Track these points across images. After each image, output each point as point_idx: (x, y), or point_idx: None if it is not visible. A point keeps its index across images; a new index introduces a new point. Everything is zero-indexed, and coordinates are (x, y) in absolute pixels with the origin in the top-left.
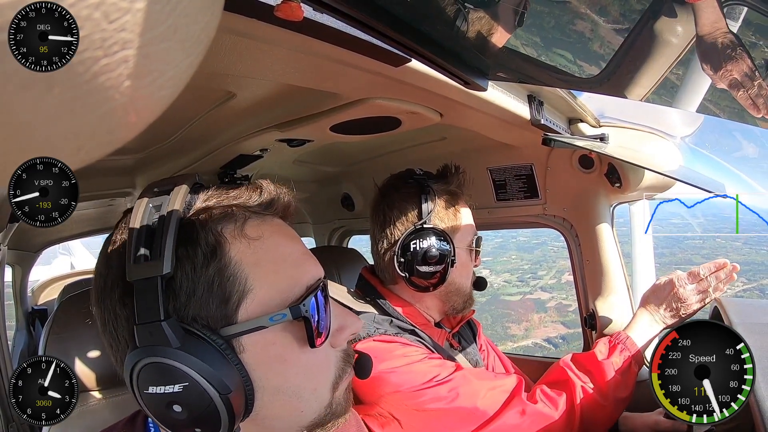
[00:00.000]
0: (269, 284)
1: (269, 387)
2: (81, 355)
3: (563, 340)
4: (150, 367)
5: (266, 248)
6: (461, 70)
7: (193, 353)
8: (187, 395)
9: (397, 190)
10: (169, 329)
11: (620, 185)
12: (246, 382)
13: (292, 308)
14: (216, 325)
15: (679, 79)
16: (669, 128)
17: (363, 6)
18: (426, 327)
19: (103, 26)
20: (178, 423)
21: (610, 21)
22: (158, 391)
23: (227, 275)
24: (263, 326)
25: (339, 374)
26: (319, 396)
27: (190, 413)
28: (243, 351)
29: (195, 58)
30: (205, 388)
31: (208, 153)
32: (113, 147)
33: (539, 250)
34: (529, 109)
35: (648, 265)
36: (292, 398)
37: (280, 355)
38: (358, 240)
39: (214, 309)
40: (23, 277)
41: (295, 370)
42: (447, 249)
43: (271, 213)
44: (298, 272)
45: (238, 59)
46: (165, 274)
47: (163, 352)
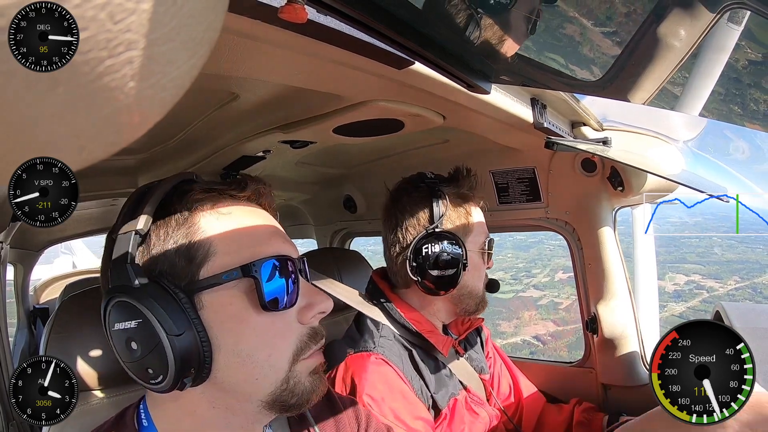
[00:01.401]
0: (231, 251)
1: (225, 347)
2: (82, 355)
3: (551, 338)
4: (116, 304)
5: (234, 222)
6: (464, 73)
7: (151, 295)
8: (141, 332)
9: (408, 194)
10: (131, 270)
11: (622, 189)
12: (202, 338)
13: (243, 267)
14: (180, 281)
15: (681, 82)
16: (672, 132)
17: (367, 8)
18: (432, 334)
19: (108, 27)
20: (135, 361)
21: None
22: (120, 327)
23: (194, 240)
24: (218, 283)
25: (300, 347)
26: (274, 364)
27: (143, 350)
28: (202, 308)
29: (199, 60)
30: (155, 326)
31: (210, 154)
32: (117, 147)
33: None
34: (532, 112)
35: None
36: (246, 362)
37: (236, 314)
38: (362, 242)
39: (180, 267)
40: (25, 275)
41: (250, 331)
42: (459, 253)
43: (246, 197)
44: (262, 246)
45: (242, 61)
46: (138, 229)
47: (126, 290)
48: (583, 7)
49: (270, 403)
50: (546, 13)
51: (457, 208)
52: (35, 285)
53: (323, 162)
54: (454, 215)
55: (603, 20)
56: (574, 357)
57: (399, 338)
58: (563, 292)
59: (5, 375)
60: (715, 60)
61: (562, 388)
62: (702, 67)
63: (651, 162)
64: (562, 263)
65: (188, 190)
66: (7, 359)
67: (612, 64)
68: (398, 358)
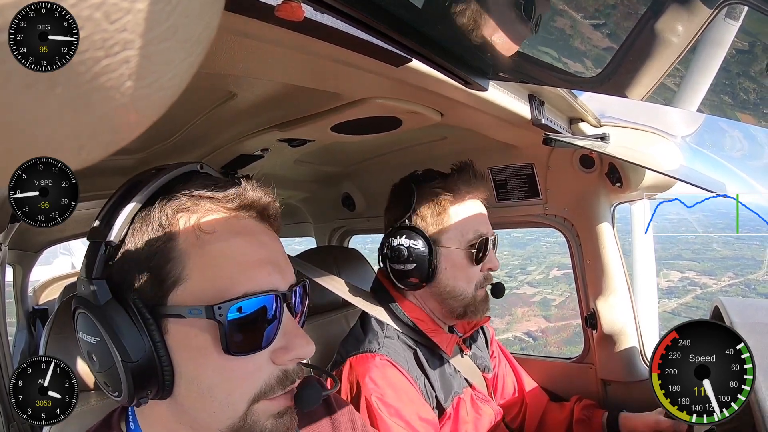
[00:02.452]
0: (205, 278)
1: (185, 374)
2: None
3: (542, 333)
4: (79, 316)
5: (216, 244)
6: (462, 69)
7: (113, 317)
8: (99, 349)
9: (392, 192)
10: (95, 287)
11: (621, 185)
12: (163, 363)
13: (207, 308)
14: (149, 302)
15: (679, 78)
16: (670, 128)
17: (364, 6)
18: (436, 333)
19: (104, 27)
20: (95, 372)
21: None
22: (83, 337)
23: (167, 258)
24: (182, 315)
25: (264, 390)
26: (232, 404)
27: (100, 367)
28: (167, 332)
29: (196, 58)
30: (110, 349)
31: (208, 153)
32: (115, 147)
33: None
34: (530, 108)
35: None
36: (205, 393)
37: (200, 349)
38: (359, 240)
39: (149, 287)
40: (24, 276)
41: (212, 368)
42: (420, 247)
43: (244, 212)
44: (242, 277)
45: (239, 59)
46: (108, 240)
47: (88, 305)
48: (580, 2)
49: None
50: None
51: (429, 203)
52: (34, 286)
53: (321, 160)
54: (426, 210)
55: (600, 16)
56: (563, 353)
57: (403, 338)
58: (556, 289)
59: (5, 376)
60: (712, 55)
61: (562, 384)
62: (699, 62)
63: (649, 158)
64: (558, 260)
65: (176, 194)
66: (7, 360)
67: (609, 60)
68: (403, 358)
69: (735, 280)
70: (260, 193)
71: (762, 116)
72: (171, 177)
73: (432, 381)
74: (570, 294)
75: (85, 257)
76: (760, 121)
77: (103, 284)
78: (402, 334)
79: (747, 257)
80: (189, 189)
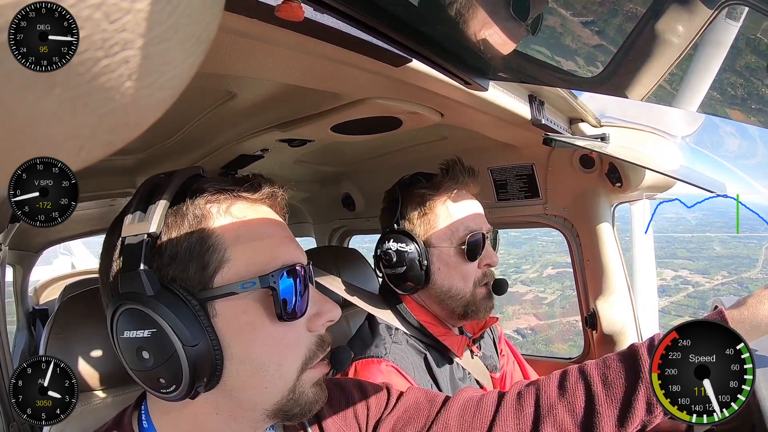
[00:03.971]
0: (246, 257)
1: (237, 354)
2: (82, 355)
3: (531, 331)
4: (126, 311)
5: (248, 227)
6: (462, 70)
7: (166, 304)
8: (155, 341)
9: (383, 200)
10: (145, 277)
11: (621, 185)
12: (215, 346)
13: (262, 278)
14: (193, 288)
15: (679, 78)
16: (670, 128)
17: (364, 6)
18: (446, 336)
19: (103, 27)
20: (146, 370)
21: (610, 21)
22: (131, 335)
23: (208, 245)
24: (234, 292)
25: (309, 356)
26: (284, 373)
27: (156, 360)
28: (216, 315)
29: (196, 59)
30: (170, 337)
31: (209, 153)
32: (114, 147)
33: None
34: (530, 109)
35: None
36: (257, 370)
37: (249, 324)
38: (357, 239)
39: (193, 273)
40: (24, 276)
41: (263, 340)
42: (408, 250)
43: (259, 198)
44: (277, 252)
45: (239, 59)
46: (151, 232)
47: (138, 298)
48: (581, 3)
49: (274, 412)
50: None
51: (415, 205)
52: (35, 286)
53: (321, 160)
54: (413, 213)
55: (601, 16)
56: (551, 350)
57: (413, 342)
58: (549, 287)
59: (5, 376)
60: (713, 56)
61: None
62: (700, 63)
63: (649, 158)
64: (552, 259)
65: (202, 189)
66: (7, 360)
67: (610, 60)
68: (410, 364)
69: (728, 278)
70: (270, 185)
71: (750, 112)
72: (187, 176)
73: (441, 386)
74: (562, 292)
75: (124, 252)
76: (749, 117)
77: (152, 274)
78: (411, 338)
79: (742, 256)
80: (209, 183)
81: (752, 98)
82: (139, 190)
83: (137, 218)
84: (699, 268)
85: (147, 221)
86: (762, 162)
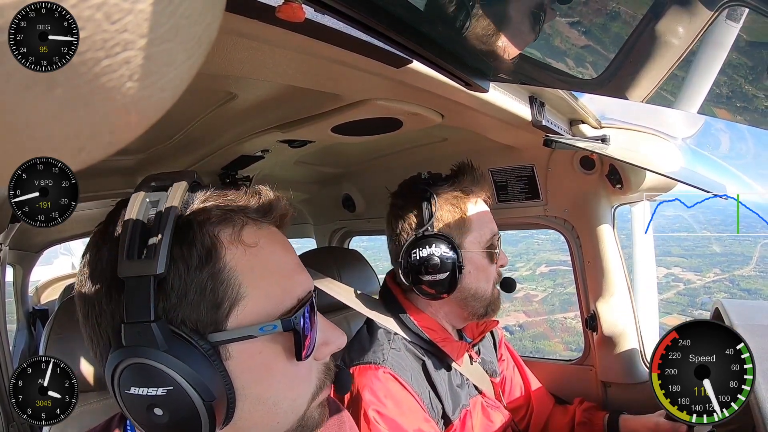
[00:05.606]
0: (262, 293)
1: (251, 395)
2: (82, 355)
3: (520, 328)
4: (135, 367)
5: (261, 256)
6: (462, 71)
7: (180, 357)
8: (171, 399)
9: (402, 197)
10: (158, 331)
11: (621, 186)
12: (229, 390)
13: (284, 320)
14: (204, 329)
15: (680, 80)
16: (670, 129)
17: (364, 7)
18: (446, 342)
19: (104, 27)
20: (158, 426)
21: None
22: (140, 392)
23: (220, 280)
24: (253, 335)
25: (319, 386)
26: (297, 407)
27: (171, 417)
28: (229, 358)
29: (196, 60)
30: (189, 394)
31: (209, 153)
32: (115, 148)
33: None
34: (531, 110)
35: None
36: (271, 408)
37: (265, 365)
38: (355, 238)
39: (205, 313)
40: (24, 277)
41: (278, 380)
42: (450, 255)
43: (268, 221)
44: (291, 283)
45: (240, 60)
46: (158, 274)
47: (149, 353)
48: (581, 4)
49: None
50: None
51: (450, 207)
52: (35, 286)
53: (322, 161)
54: (448, 216)
55: (601, 18)
56: (537, 346)
57: (411, 348)
58: (540, 285)
59: (5, 376)
60: (713, 57)
61: (562, 386)
62: (700, 64)
63: (650, 159)
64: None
65: (206, 211)
66: (7, 360)
67: (610, 61)
68: (408, 371)
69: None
70: (281, 202)
71: (735, 110)
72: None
73: (440, 392)
74: (552, 290)
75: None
76: (735, 116)
77: (165, 325)
78: (410, 344)
79: (737, 253)
80: (212, 201)
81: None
82: (127, 208)
83: (136, 252)
84: (692, 265)
85: (151, 259)
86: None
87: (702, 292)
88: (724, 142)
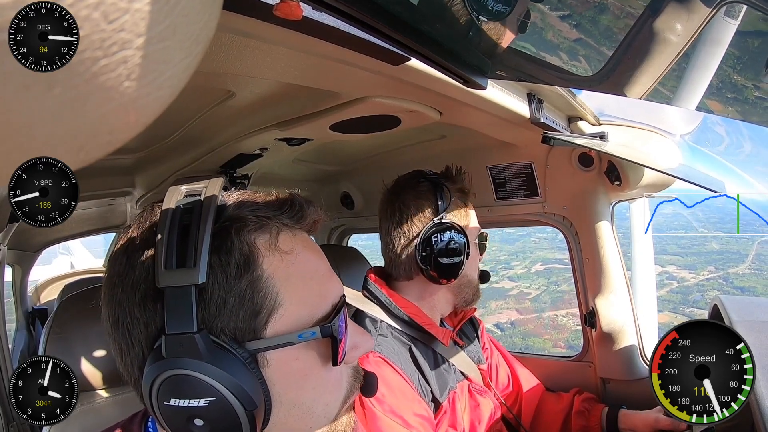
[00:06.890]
0: (299, 300)
1: (286, 401)
2: (81, 355)
3: (511, 325)
4: (176, 378)
5: (297, 263)
6: (460, 68)
7: (222, 367)
8: (213, 410)
9: (411, 188)
10: (201, 342)
11: (620, 183)
12: (266, 397)
13: (323, 327)
14: (243, 338)
15: (678, 77)
16: (669, 126)
17: (362, 5)
18: (432, 326)
19: (102, 26)
20: None
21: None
22: (181, 404)
23: (259, 288)
24: (291, 343)
25: (350, 390)
26: (329, 412)
27: (212, 428)
28: (266, 365)
29: (194, 58)
30: (232, 404)
31: (207, 152)
32: (113, 147)
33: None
34: (529, 107)
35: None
36: (305, 413)
37: (301, 371)
38: (353, 236)
39: (243, 322)
40: (23, 276)
41: (313, 385)
42: (464, 242)
43: (301, 227)
44: (326, 289)
45: (238, 58)
46: (200, 283)
47: (192, 364)
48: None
49: None
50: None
51: (458, 202)
52: (34, 285)
53: (320, 159)
54: (456, 208)
55: (599, 15)
56: (526, 343)
57: (397, 335)
58: (534, 283)
59: (5, 376)
60: (711, 54)
61: (561, 383)
62: (698, 61)
63: (648, 156)
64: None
65: (242, 217)
66: (7, 360)
67: (608, 58)
68: (397, 355)
69: (714, 273)
70: (312, 207)
71: (726, 102)
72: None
73: (427, 376)
74: (546, 288)
75: (168, 308)
76: (726, 108)
77: (206, 335)
78: (396, 331)
79: (733, 251)
80: (246, 209)
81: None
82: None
83: (174, 261)
84: (687, 263)
85: (192, 268)
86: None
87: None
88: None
